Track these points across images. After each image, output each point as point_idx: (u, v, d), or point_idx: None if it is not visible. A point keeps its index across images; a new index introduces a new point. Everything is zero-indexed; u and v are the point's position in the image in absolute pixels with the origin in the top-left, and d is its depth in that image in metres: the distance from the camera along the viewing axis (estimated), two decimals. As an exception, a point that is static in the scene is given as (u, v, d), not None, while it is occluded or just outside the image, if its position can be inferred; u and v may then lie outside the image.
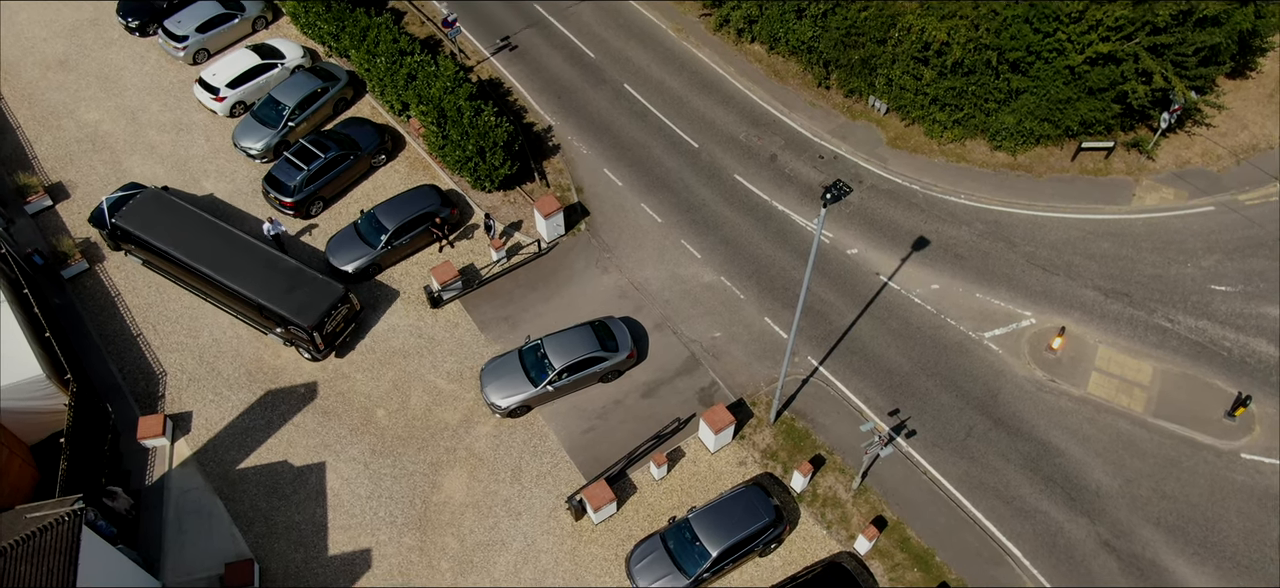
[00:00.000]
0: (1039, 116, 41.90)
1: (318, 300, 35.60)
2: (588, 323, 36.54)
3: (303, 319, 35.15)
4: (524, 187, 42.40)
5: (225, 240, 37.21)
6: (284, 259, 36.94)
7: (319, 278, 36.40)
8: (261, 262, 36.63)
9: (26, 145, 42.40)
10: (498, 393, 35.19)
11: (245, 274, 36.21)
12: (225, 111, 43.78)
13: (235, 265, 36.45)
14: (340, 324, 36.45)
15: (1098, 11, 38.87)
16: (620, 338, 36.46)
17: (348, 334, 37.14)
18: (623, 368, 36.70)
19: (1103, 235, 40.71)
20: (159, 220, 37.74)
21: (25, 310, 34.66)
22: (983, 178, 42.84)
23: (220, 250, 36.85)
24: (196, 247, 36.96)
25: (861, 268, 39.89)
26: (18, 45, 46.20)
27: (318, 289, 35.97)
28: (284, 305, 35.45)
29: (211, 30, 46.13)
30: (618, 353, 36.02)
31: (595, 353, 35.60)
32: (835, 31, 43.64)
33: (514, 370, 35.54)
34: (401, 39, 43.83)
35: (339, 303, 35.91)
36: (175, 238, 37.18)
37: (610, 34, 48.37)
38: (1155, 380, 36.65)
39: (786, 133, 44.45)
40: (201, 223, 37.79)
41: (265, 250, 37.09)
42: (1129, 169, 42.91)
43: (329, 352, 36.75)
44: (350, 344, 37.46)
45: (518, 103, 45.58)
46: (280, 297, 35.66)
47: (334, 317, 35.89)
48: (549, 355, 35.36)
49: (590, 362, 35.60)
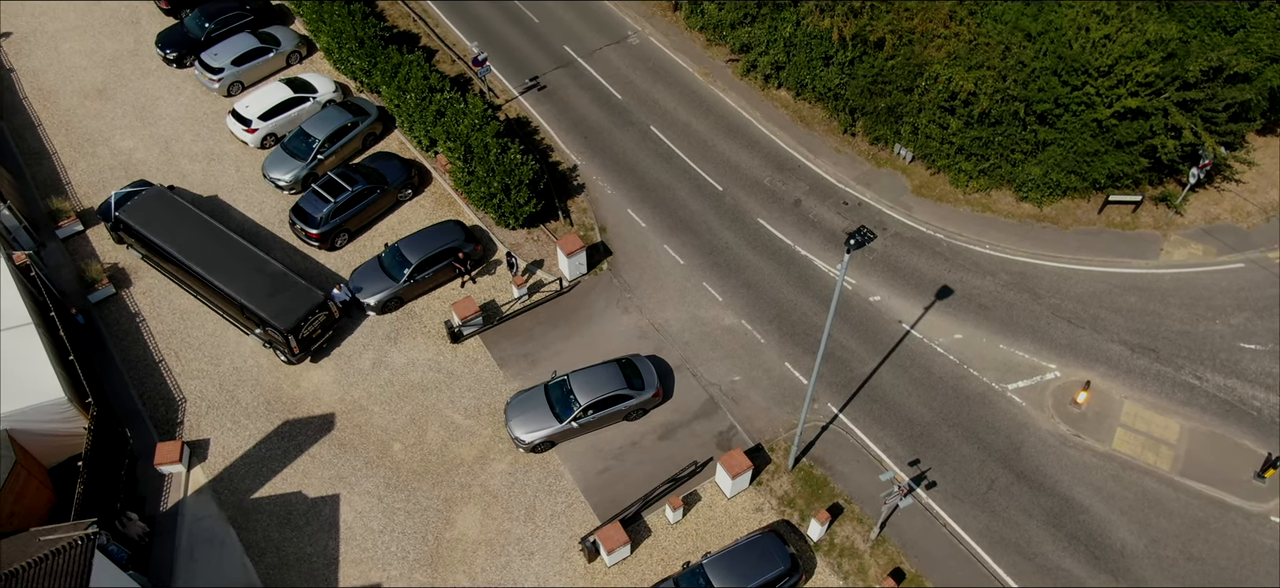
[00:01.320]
0: (1066, 168, 41.09)
1: (296, 306, 36.01)
2: (614, 360, 35.92)
3: (280, 322, 35.55)
4: (548, 225, 41.98)
5: (218, 241, 37.92)
6: (272, 263, 37.51)
7: (300, 284, 36.84)
8: (249, 264, 37.27)
9: (62, 171, 42.53)
10: (522, 427, 34.56)
11: (232, 275, 36.86)
12: (256, 143, 43.79)
13: (224, 265, 37.13)
14: (317, 330, 36.68)
15: (1127, 66, 38.15)
16: (647, 376, 35.79)
17: (324, 340, 37.38)
18: (648, 407, 35.99)
19: (1129, 289, 39.67)
20: (158, 217, 38.59)
21: (51, 333, 34.52)
22: (1008, 228, 41.98)
23: (212, 250, 37.60)
24: (191, 245, 37.71)
25: (884, 315, 39.05)
26: (59, 74, 46.54)
27: (298, 294, 36.39)
28: (264, 307, 35.95)
29: (247, 63, 46.31)
30: (644, 391, 35.33)
31: (621, 390, 34.93)
32: (862, 79, 43.13)
33: (539, 405, 34.93)
34: (432, 76, 43.75)
35: (317, 309, 36.20)
36: (172, 235, 37.97)
37: (638, 76, 48.10)
38: (1182, 439, 35.45)
39: (811, 178, 43.83)
40: (198, 222, 38.55)
41: (255, 254, 37.70)
42: (1157, 223, 41.92)
43: (304, 356, 36.98)
44: (326, 350, 37.61)
45: (544, 142, 45.30)
46: (262, 299, 36.18)
47: (311, 322, 36.15)
48: (575, 391, 34.73)
49: (616, 399, 34.93)
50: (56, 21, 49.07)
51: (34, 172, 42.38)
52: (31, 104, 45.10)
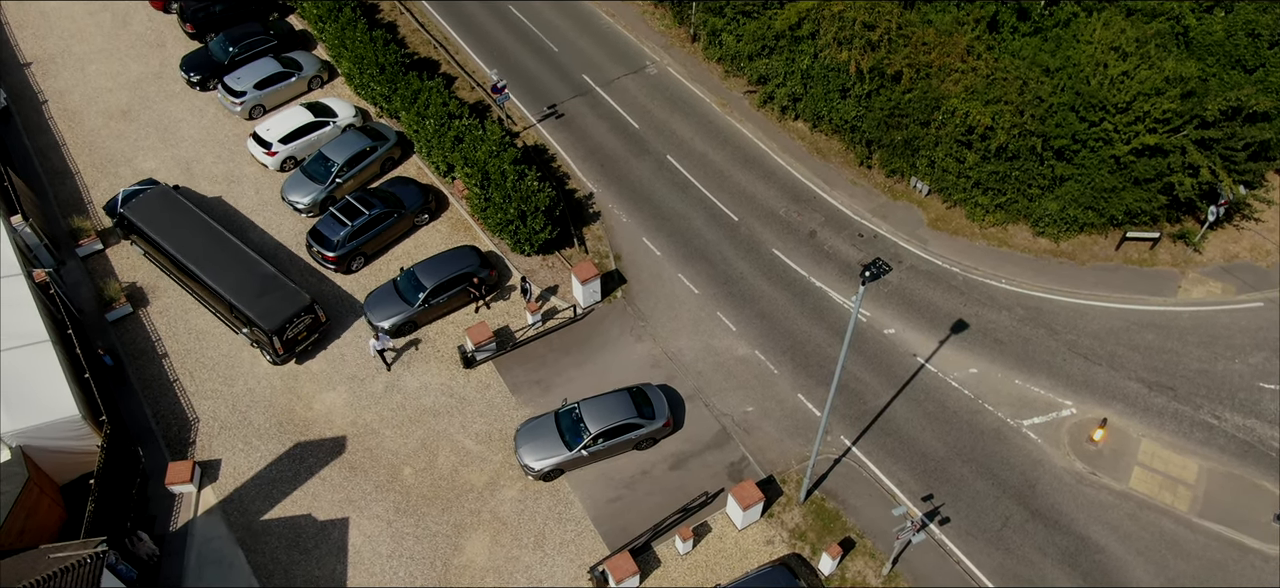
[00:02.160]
0: (1083, 204, 40.54)
1: (282, 307, 36.26)
2: (625, 389, 35.48)
3: (265, 322, 35.84)
4: (563, 252, 41.70)
5: (215, 241, 38.36)
6: (263, 265, 37.79)
7: (289, 286, 37.08)
8: (242, 265, 37.66)
9: (84, 190, 42.63)
10: (532, 455, 34.10)
11: (225, 274, 37.29)
12: (276, 166, 43.78)
13: (218, 265, 37.57)
14: (303, 333, 36.91)
15: (1145, 103, 37.67)
16: (657, 405, 35.30)
17: (310, 343, 37.52)
18: (659, 436, 35.48)
19: (1147, 327, 38.99)
20: (160, 216, 39.14)
21: (67, 350, 34.41)
22: (1024, 263, 41.40)
23: (208, 250, 38.06)
24: (188, 244, 38.24)
25: (898, 348, 38.49)
26: (85, 95, 46.76)
27: (285, 297, 36.65)
28: (251, 307, 36.25)
29: (269, 87, 46.42)
30: (654, 420, 34.84)
31: (632, 419, 34.44)
32: (879, 112, 42.79)
33: (549, 433, 34.48)
34: (451, 103, 43.68)
35: (303, 312, 36.45)
36: (171, 234, 38.52)
37: (655, 106, 47.91)
38: (1201, 479, 34.66)
39: (827, 210, 43.42)
40: (198, 222, 39.03)
41: (249, 255, 38.05)
42: (1175, 261, 41.27)
43: (289, 358, 37.17)
44: (311, 353, 37.71)
45: (561, 169, 45.10)
46: (250, 299, 36.49)
47: (296, 324, 36.39)
48: (585, 420, 34.27)
49: (627, 428, 34.43)
50: (84, 44, 49.39)
51: (56, 190, 42.49)
52: (56, 124, 45.29)
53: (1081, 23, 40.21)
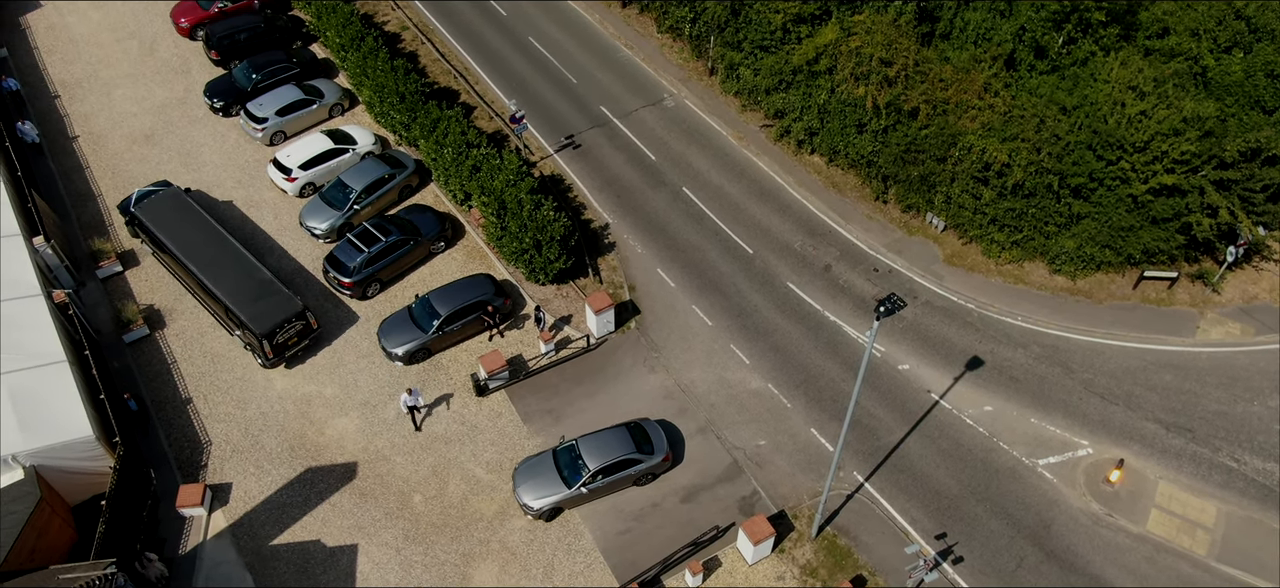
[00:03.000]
0: (1100, 242, 40.00)
1: (273, 312, 36.64)
2: (623, 424, 34.94)
3: (256, 326, 36.23)
4: (577, 281, 41.43)
5: (218, 245, 38.93)
6: (261, 270, 38.28)
7: (284, 292, 37.48)
8: (240, 269, 38.13)
9: (105, 212, 42.75)
10: (530, 493, 33.47)
11: (222, 276, 37.77)
12: (295, 191, 43.79)
13: (218, 267, 38.09)
14: (293, 338, 37.18)
15: (1163, 143, 37.22)
16: (656, 441, 34.75)
17: (300, 349, 37.82)
18: (658, 471, 34.93)
19: (1165, 367, 38.31)
20: (169, 217, 39.89)
21: (84, 370, 34.32)
22: (1041, 300, 40.82)
23: (211, 252, 38.63)
24: (192, 245, 38.86)
25: (913, 384, 37.93)
26: (110, 119, 47.02)
27: (278, 302, 37.04)
28: (245, 310, 36.68)
29: (290, 114, 46.51)
30: (653, 456, 34.29)
31: (631, 455, 33.86)
32: (895, 147, 42.47)
33: (548, 471, 33.83)
34: (469, 132, 43.64)
35: (294, 318, 36.76)
36: (177, 235, 39.19)
37: (672, 138, 47.74)
38: (1219, 523, 33.87)
39: (842, 244, 43.02)
40: (204, 225, 39.67)
41: (248, 260, 38.55)
42: (1193, 301, 40.61)
43: (278, 362, 37.48)
44: (301, 358, 37.98)
45: (577, 199, 44.92)
46: (245, 302, 36.92)
47: (286, 329, 36.72)
48: (584, 457, 33.65)
49: (626, 464, 33.84)
50: (111, 69, 49.72)
51: (79, 213, 42.62)
52: (81, 147, 45.53)
53: (1099, 62, 39.85)
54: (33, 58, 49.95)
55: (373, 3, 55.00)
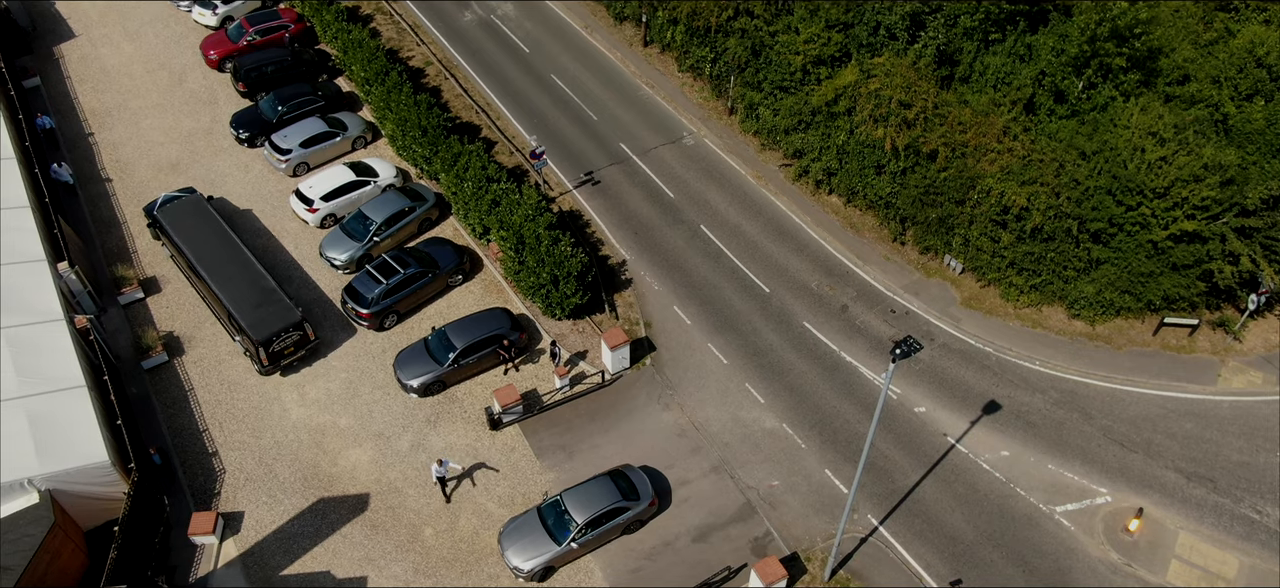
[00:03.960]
0: (1120, 288, 39.37)
1: (271, 321, 37.07)
2: (605, 474, 34.09)
3: (253, 333, 36.66)
4: (593, 317, 41.15)
5: (228, 251, 39.62)
6: (267, 279, 38.75)
7: (284, 302, 37.89)
8: (247, 277, 38.67)
9: (130, 239, 42.93)
10: (519, 555, 32.34)
11: (229, 283, 38.37)
12: (316, 222, 43.85)
13: (226, 273, 38.72)
14: (289, 348, 37.60)
15: (1183, 189, 36.66)
16: (641, 487, 33.89)
17: (296, 359, 38.22)
18: (645, 518, 34.07)
19: (1185, 415, 37.52)
20: (186, 222, 40.78)
21: (102, 396, 34.28)
22: (1059, 345, 40.16)
23: (220, 258, 39.31)
24: (204, 250, 39.60)
25: (929, 427, 37.31)
26: (137, 148, 47.36)
27: (277, 311, 37.48)
28: (246, 316, 37.17)
29: (314, 146, 46.71)
30: (639, 502, 33.42)
31: (618, 504, 32.92)
32: (913, 189, 42.09)
33: (535, 530, 32.78)
34: (490, 167, 43.64)
35: (291, 328, 37.15)
36: (192, 239, 40.01)
37: (691, 176, 47.56)
38: (1241, 576, 32.94)
39: (859, 284, 42.57)
40: (218, 232, 40.44)
41: (257, 269, 39.06)
42: (1214, 349, 39.83)
43: (274, 370, 37.91)
44: (296, 367, 38.37)
45: (595, 235, 44.74)
46: (246, 308, 37.45)
47: (283, 339, 37.12)
48: (570, 510, 32.62)
49: (613, 513, 32.87)
50: (140, 100, 50.16)
51: (103, 239, 42.82)
52: (108, 174, 45.82)
53: (1119, 107, 39.40)
54: (65, 87, 50.50)
55: (398, 38, 55.37)
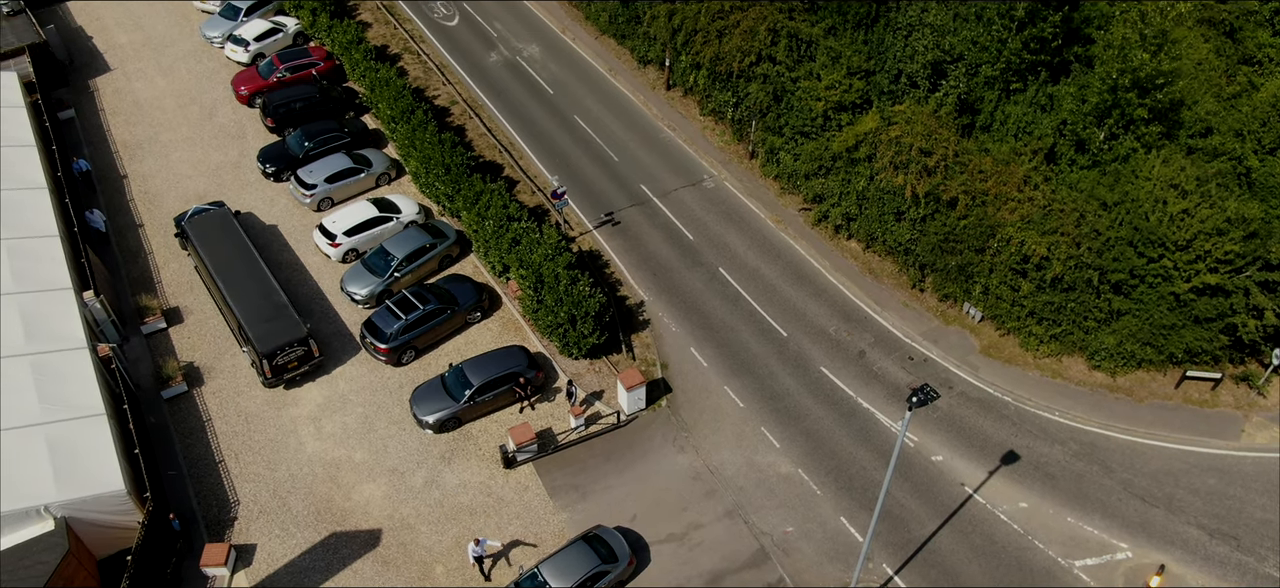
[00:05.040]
0: (1141, 340, 38.67)
1: (278, 334, 37.68)
2: (581, 538, 33.03)
3: (259, 344, 37.27)
4: (610, 357, 40.85)
5: (245, 263, 40.60)
6: (279, 294, 39.51)
7: (292, 317, 38.56)
8: (261, 290, 39.52)
9: (155, 270, 43.16)
10: None
11: (242, 295, 39.23)
12: (338, 257, 43.93)
13: (240, 285, 39.64)
14: (294, 362, 38.06)
15: (1206, 242, 36.06)
16: (618, 548, 32.94)
17: (299, 373, 38.58)
18: (624, 579, 33.18)
19: (1208, 470, 36.64)
20: (211, 234, 41.98)
21: (121, 425, 34.25)
22: (1079, 396, 39.42)
23: (238, 270, 40.28)
24: (222, 261, 40.62)
25: (945, 476, 36.62)
26: (166, 180, 47.75)
27: (284, 325, 38.13)
28: (254, 328, 37.83)
29: (338, 181, 46.91)
30: (618, 564, 32.51)
31: (597, 569, 31.97)
32: (933, 236, 41.68)
33: None
34: (511, 205, 43.65)
35: (296, 343, 37.75)
36: (213, 251, 41.09)
37: (711, 219, 47.37)
38: (1265, 638, 32.00)
39: (877, 330, 42.08)
40: (238, 245, 41.55)
41: (271, 283, 39.91)
42: (1238, 403, 38.97)
43: (277, 382, 38.38)
44: (299, 382, 38.77)
45: (614, 276, 44.54)
46: (255, 321, 38.13)
47: (287, 353, 37.68)
48: (551, 582, 31.62)
49: (595, 578, 31.93)
50: (171, 133, 50.68)
51: (129, 269, 43.07)
52: (137, 206, 46.21)
53: (1140, 159, 38.93)
54: (98, 119, 51.13)
55: (425, 78, 55.76)
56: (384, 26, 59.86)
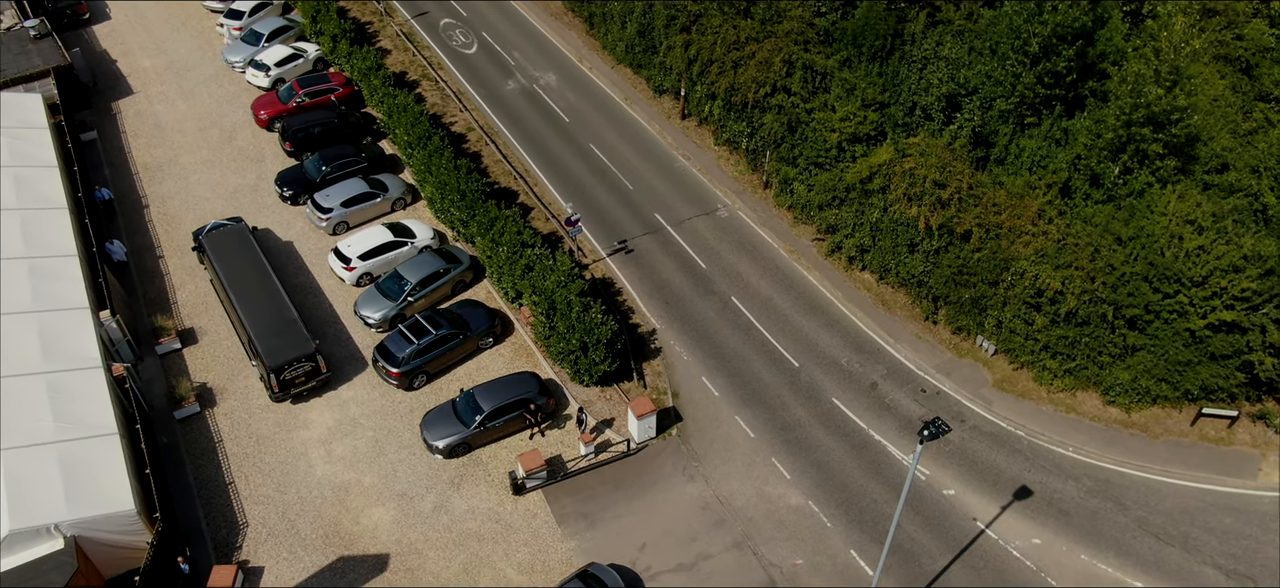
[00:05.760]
0: (1156, 376, 38.14)
1: (286, 349, 37.86)
2: (575, 576, 32.41)
3: (268, 359, 37.49)
4: (621, 385, 40.61)
5: (259, 279, 40.94)
6: (290, 309, 39.73)
7: (302, 334, 38.69)
8: (272, 305, 39.78)
9: (170, 290, 43.31)
10: None
11: (254, 309, 39.50)
12: (352, 280, 43.97)
13: (252, 299, 39.94)
14: (301, 378, 38.21)
15: (1222, 279, 35.60)
16: (612, 583, 32.34)
17: (306, 389, 38.71)
18: None
19: (1224, 509, 36.00)
20: (226, 248, 42.46)
21: (133, 445, 34.22)
22: (1093, 432, 38.88)
23: (251, 284, 40.61)
24: (236, 275, 41.00)
25: (957, 511, 36.11)
26: (184, 202, 48.01)
27: (293, 341, 38.30)
28: (263, 342, 38.03)
29: (354, 206, 47.07)
30: None
31: None
32: (947, 269, 41.35)
33: None
34: (525, 232, 43.61)
35: (304, 359, 37.94)
36: (227, 265, 41.53)
37: (724, 248, 47.19)
38: (1283, 681, 31.29)
39: (889, 362, 41.70)
40: (252, 259, 41.98)
41: (282, 299, 40.16)
42: (1254, 441, 38.35)
43: (284, 397, 38.52)
44: (305, 397, 38.92)
45: (626, 303, 44.38)
46: (265, 335, 38.36)
47: (295, 368, 37.83)
48: None
49: None
50: (191, 155, 51.02)
51: (145, 289, 43.22)
52: (155, 227, 46.46)
53: (1155, 194, 38.57)
54: (120, 141, 51.54)
55: (443, 104, 55.99)
56: (403, 53, 60.24)
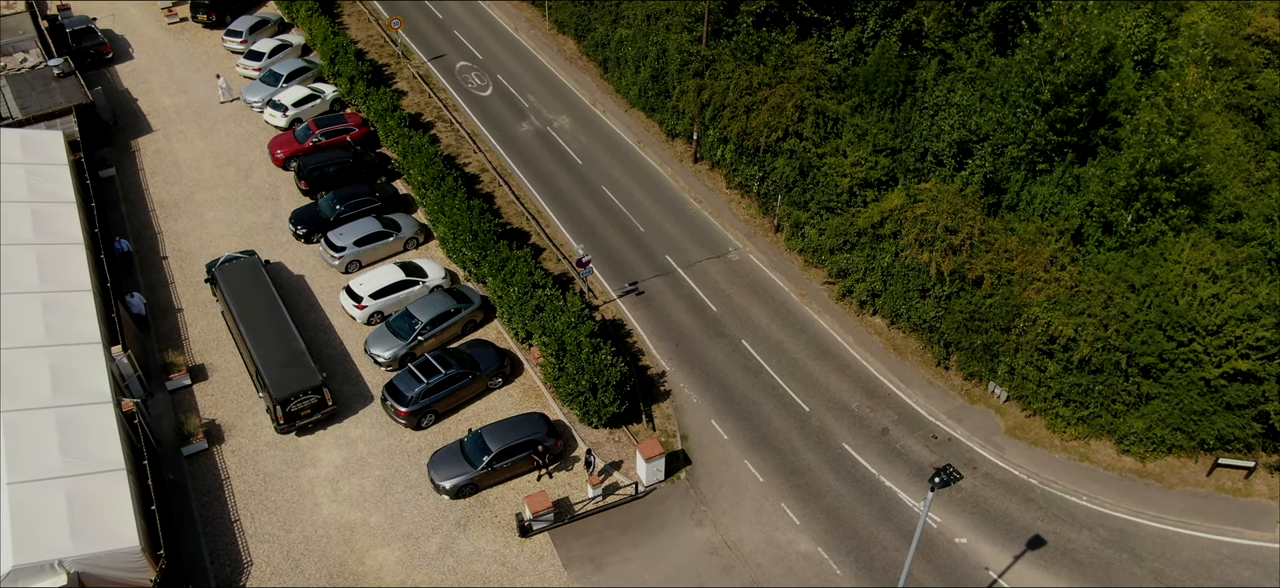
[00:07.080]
0: (1171, 425, 37.44)
1: (293, 381, 37.79)
2: None
3: (274, 390, 37.41)
4: (630, 427, 40.13)
5: (268, 311, 40.94)
6: (298, 341, 39.66)
7: (308, 366, 38.60)
8: (280, 337, 39.76)
9: (183, 327, 43.16)
10: None
11: (262, 340, 39.52)
12: (363, 319, 43.77)
13: (260, 330, 39.96)
14: (307, 410, 38.12)
15: (1237, 328, 35.03)
16: None
17: (312, 422, 38.63)
18: None
19: (1242, 562, 35.12)
20: (237, 280, 42.51)
21: (140, 481, 33.89)
22: (1107, 481, 38.11)
23: (260, 316, 40.62)
24: (246, 307, 41.04)
25: (970, 560, 35.34)
26: (200, 238, 48.04)
27: (299, 373, 38.23)
28: (270, 374, 37.99)
29: (367, 245, 47.00)
30: None
31: None
32: (958, 314, 40.88)
33: None
34: (536, 273, 43.37)
35: (310, 391, 37.87)
36: (238, 296, 41.63)
37: (735, 291, 46.84)
38: None
39: (900, 407, 41.11)
40: (263, 291, 42.01)
41: (291, 331, 40.14)
42: (1272, 493, 37.52)
43: (289, 429, 38.27)
44: (310, 430, 38.78)
45: (636, 345, 44.00)
46: (272, 366, 38.31)
47: (301, 400, 37.77)
48: None
49: None
50: (207, 192, 51.15)
51: (158, 325, 43.09)
52: (170, 263, 46.44)
53: (1169, 241, 38.13)
54: (138, 178, 51.72)
55: (457, 146, 56.10)
56: (419, 95, 60.53)
